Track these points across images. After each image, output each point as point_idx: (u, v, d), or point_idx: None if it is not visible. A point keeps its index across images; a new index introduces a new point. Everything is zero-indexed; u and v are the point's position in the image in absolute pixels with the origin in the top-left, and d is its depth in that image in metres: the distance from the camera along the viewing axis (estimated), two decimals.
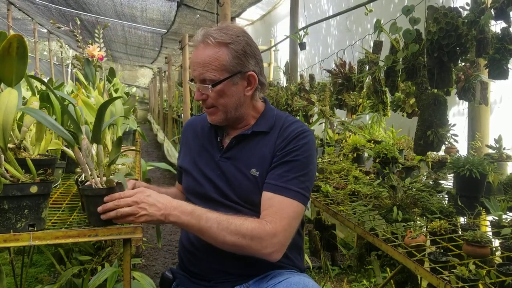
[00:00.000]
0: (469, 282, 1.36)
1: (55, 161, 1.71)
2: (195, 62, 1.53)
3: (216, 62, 1.49)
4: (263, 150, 1.58)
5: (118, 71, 10.13)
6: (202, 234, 1.41)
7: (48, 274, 3.37)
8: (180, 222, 1.39)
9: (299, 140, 1.55)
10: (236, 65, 1.52)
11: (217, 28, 1.54)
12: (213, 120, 1.61)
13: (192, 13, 7.82)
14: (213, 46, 1.49)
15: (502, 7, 1.69)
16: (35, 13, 10.75)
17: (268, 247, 1.40)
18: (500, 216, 1.80)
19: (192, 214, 1.39)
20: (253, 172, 1.56)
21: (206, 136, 1.72)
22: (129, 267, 1.50)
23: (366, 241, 2.41)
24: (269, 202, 1.48)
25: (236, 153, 1.61)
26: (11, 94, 1.38)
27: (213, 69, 1.49)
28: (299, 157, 1.53)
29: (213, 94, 1.53)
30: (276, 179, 1.50)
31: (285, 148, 1.54)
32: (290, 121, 1.63)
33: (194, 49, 1.56)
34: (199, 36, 1.53)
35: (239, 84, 1.55)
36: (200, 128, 1.76)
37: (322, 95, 3.75)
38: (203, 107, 1.61)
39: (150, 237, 4.61)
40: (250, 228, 1.39)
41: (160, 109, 14.97)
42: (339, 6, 5.75)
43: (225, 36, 1.51)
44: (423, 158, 2.76)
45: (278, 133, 1.59)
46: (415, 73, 2.14)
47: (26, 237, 1.36)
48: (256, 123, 1.63)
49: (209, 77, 1.50)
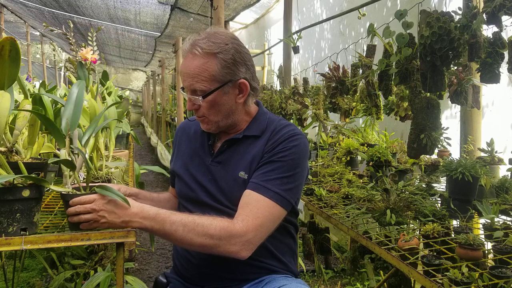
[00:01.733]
0: (462, 284, 1.36)
1: (47, 164, 1.70)
2: (184, 72, 1.51)
3: (205, 73, 1.47)
4: (252, 153, 1.56)
5: (111, 74, 10.10)
6: (168, 237, 1.39)
7: (40, 279, 3.34)
8: (144, 228, 1.36)
9: (289, 142, 1.52)
10: (226, 75, 1.49)
11: (205, 36, 1.49)
12: (206, 129, 1.61)
13: (186, 17, 7.82)
14: (201, 57, 1.47)
15: (494, 12, 1.71)
16: (28, 16, 10.70)
17: (236, 244, 1.37)
18: (492, 219, 1.81)
19: (155, 219, 1.36)
20: (242, 175, 1.54)
21: (199, 140, 1.70)
22: (122, 271, 1.49)
23: (359, 244, 2.42)
24: (246, 199, 1.45)
25: (227, 157, 1.60)
26: (3, 97, 1.37)
27: (202, 80, 1.47)
28: (286, 158, 1.49)
29: (205, 104, 1.51)
30: (257, 178, 1.48)
31: (274, 149, 1.52)
32: (283, 125, 1.60)
33: (183, 58, 1.54)
34: (187, 45, 1.51)
35: (230, 93, 1.52)
36: (193, 131, 1.75)
37: (315, 99, 3.76)
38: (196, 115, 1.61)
39: (143, 241, 4.58)
40: (218, 228, 1.36)
41: (154, 113, 14.95)
42: (333, 10, 5.78)
43: (213, 45, 1.47)
44: (416, 162, 2.77)
45: (269, 136, 1.57)
46: (408, 76, 2.16)
47: (18, 241, 1.34)
48: (247, 127, 1.62)
49: (199, 88, 1.49)
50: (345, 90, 3.30)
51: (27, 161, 1.55)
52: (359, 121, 3.97)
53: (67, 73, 2.82)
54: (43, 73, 13.07)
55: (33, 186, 1.38)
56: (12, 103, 1.46)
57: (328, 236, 3.13)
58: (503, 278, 1.39)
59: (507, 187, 2.19)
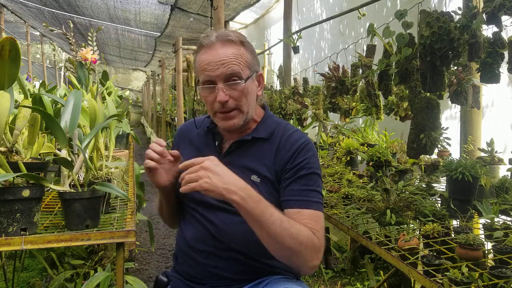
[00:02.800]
0: (462, 284, 1.36)
1: (47, 164, 1.70)
2: (216, 61, 1.44)
3: (241, 58, 1.46)
4: (264, 157, 1.54)
5: (111, 74, 10.09)
6: (260, 227, 1.31)
7: (40, 279, 3.34)
8: (243, 206, 1.29)
9: (307, 152, 1.53)
10: (254, 64, 1.51)
11: (225, 30, 1.53)
12: (233, 125, 1.51)
13: (186, 17, 7.82)
14: (234, 44, 1.46)
15: (493, 12, 1.71)
16: (28, 16, 10.70)
17: (315, 259, 1.36)
18: (492, 219, 1.81)
19: (258, 203, 1.29)
20: (254, 179, 1.51)
21: (203, 141, 1.67)
22: (122, 271, 1.50)
23: (359, 244, 2.42)
24: (299, 216, 1.43)
25: (236, 158, 1.57)
26: (3, 97, 1.37)
27: (239, 65, 1.45)
28: (312, 169, 1.51)
29: (238, 93, 1.46)
30: (297, 195, 1.47)
31: (295, 162, 1.50)
32: (290, 130, 1.60)
33: (205, 50, 1.47)
34: (212, 37, 1.47)
35: (254, 83, 1.54)
36: (195, 134, 1.71)
37: (315, 99, 3.76)
38: (218, 111, 1.50)
39: (143, 241, 4.58)
40: (306, 236, 1.34)
41: (154, 112, 14.96)
42: (332, 10, 5.78)
43: (239, 35, 1.50)
44: (416, 161, 2.78)
45: (279, 143, 1.55)
46: (408, 76, 2.16)
47: (18, 241, 1.35)
48: (256, 129, 1.59)
49: (239, 72, 1.44)
50: (345, 90, 3.30)
51: (27, 161, 1.56)
52: (359, 121, 3.98)
53: (67, 73, 2.82)
54: (43, 73, 13.07)
55: (33, 186, 1.38)
56: (12, 103, 1.46)
57: (328, 236, 3.13)
58: (503, 278, 1.39)
59: (507, 187, 2.19)
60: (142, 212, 3.18)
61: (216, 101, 1.45)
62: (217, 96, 1.44)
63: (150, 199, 5.96)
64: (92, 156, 1.76)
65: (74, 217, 1.50)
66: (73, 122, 1.58)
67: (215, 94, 1.45)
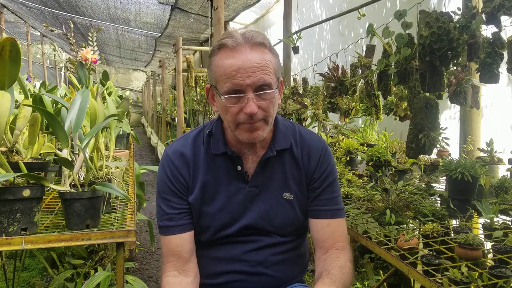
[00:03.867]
0: (462, 284, 1.37)
1: (48, 164, 1.71)
2: (247, 67, 1.26)
3: (271, 65, 1.32)
4: (291, 170, 1.47)
5: (111, 74, 10.09)
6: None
7: (40, 278, 3.35)
8: None
9: (329, 157, 1.51)
10: (279, 70, 1.38)
11: (249, 30, 1.35)
12: (257, 136, 1.34)
13: (186, 17, 7.83)
14: (265, 48, 1.31)
15: (493, 12, 1.71)
16: (28, 16, 10.70)
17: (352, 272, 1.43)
18: (492, 218, 1.82)
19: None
20: (287, 196, 1.45)
21: (219, 167, 1.45)
22: (122, 270, 1.50)
23: (359, 244, 2.42)
24: (329, 229, 1.46)
25: (264, 179, 1.45)
26: (4, 97, 1.37)
27: (270, 72, 1.31)
28: (334, 175, 1.51)
29: (267, 103, 1.30)
30: (326, 205, 1.47)
31: (321, 169, 1.48)
32: (304, 133, 1.53)
33: (229, 53, 1.28)
34: (238, 38, 1.29)
35: (279, 91, 1.39)
36: (203, 158, 1.45)
37: (315, 99, 3.76)
38: (243, 123, 1.31)
39: (143, 241, 4.59)
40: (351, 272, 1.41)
41: (154, 113, 14.95)
42: (332, 11, 5.78)
43: (266, 37, 1.35)
44: (416, 161, 2.78)
45: (301, 150, 1.48)
46: (407, 77, 2.16)
47: (18, 241, 1.35)
48: (275, 140, 1.46)
49: (269, 81, 1.29)
50: (344, 90, 3.31)
51: (27, 161, 1.56)
52: (359, 121, 3.98)
53: (67, 73, 2.83)
54: (44, 73, 13.07)
55: (33, 186, 1.39)
56: (12, 103, 1.46)
57: None
58: (502, 277, 1.39)
59: (507, 187, 2.19)
60: (142, 212, 3.18)
61: (244, 112, 1.28)
62: (246, 107, 1.27)
63: (150, 199, 5.97)
64: (93, 156, 1.76)
65: (75, 217, 1.51)
66: (78, 122, 1.58)
67: (242, 104, 1.29)
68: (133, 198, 2.09)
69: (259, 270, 1.45)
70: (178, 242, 1.42)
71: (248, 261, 1.44)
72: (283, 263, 1.48)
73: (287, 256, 1.49)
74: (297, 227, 1.49)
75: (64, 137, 1.53)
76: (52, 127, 1.53)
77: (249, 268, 1.44)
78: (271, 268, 1.46)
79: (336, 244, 1.44)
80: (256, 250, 1.45)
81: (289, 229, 1.48)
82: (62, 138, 1.53)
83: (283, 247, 1.48)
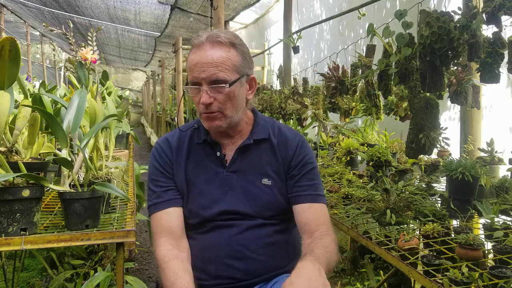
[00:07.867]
0: (462, 284, 1.36)
1: (47, 164, 1.70)
2: (203, 62, 1.42)
3: (229, 62, 1.44)
4: (267, 158, 1.58)
5: (111, 74, 10.08)
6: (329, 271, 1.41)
7: (40, 279, 3.34)
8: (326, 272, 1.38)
9: (305, 147, 1.60)
10: (244, 67, 1.48)
11: (217, 30, 1.50)
12: (215, 126, 1.49)
13: (186, 17, 7.82)
14: (224, 46, 1.44)
15: (493, 12, 1.71)
16: (27, 15, 10.70)
17: (337, 252, 1.46)
18: (493, 219, 1.81)
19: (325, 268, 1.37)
20: (265, 182, 1.55)
21: (201, 154, 1.60)
22: (122, 271, 1.50)
23: (359, 244, 2.42)
24: (311, 212, 1.52)
25: (242, 165, 1.56)
26: (3, 97, 1.37)
27: (226, 69, 1.43)
28: (314, 165, 1.59)
29: (223, 96, 1.45)
30: (306, 190, 1.54)
31: (298, 158, 1.57)
32: (283, 128, 1.65)
33: (195, 50, 1.45)
34: (203, 37, 1.45)
35: (243, 87, 1.51)
36: (186, 145, 1.61)
37: (315, 99, 3.76)
38: (202, 112, 1.48)
39: (143, 241, 4.58)
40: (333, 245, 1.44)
41: (154, 112, 14.95)
42: (332, 11, 5.78)
43: (232, 36, 1.47)
44: (416, 161, 2.78)
45: (278, 141, 1.60)
46: (407, 76, 2.16)
47: (18, 241, 1.35)
48: (253, 131, 1.59)
49: (223, 77, 1.42)
50: (344, 90, 3.30)
51: (27, 161, 1.56)
52: (359, 121, 3.98)
53: (67, 73, 2.82)
54: (43, 73, 13.07)
55: (33, 186, 1.38)
56: (12, 103, 1.46)
57: None
58: (503, 278, 1.39)
59: (507, 187, 2.19)
60: (142, 212, 3.18)
61: (200, 102, 1.45)
62: (201, 98, 1.44)
63: None
64: (92, 156, 1.76)
65: (74, 217, 1.50)
66: (77, 122, 1.58)
67: (200, 95, 1.45)
68: (133, 198, 2.09)
69: (245, 254, 1.50)
70: (167, 218, 1.52)
71: (233, 246, 1.50)
72: (269, 247, 1.53)
73: (272, 240, 1.54)
74: (278, 211, 1.56)
75: (63, 137, 1.53)
76: (51, 127, 1.53)
77: (235, 253, 1.49)
78: (257, 252, 1.51)
79: (320, 227, 1.48)
80: (240, 234, 1.51)
81: (270, 213, 1.55)
82: (61, 138, 1.53)
83: (266, 230, 1.53)
